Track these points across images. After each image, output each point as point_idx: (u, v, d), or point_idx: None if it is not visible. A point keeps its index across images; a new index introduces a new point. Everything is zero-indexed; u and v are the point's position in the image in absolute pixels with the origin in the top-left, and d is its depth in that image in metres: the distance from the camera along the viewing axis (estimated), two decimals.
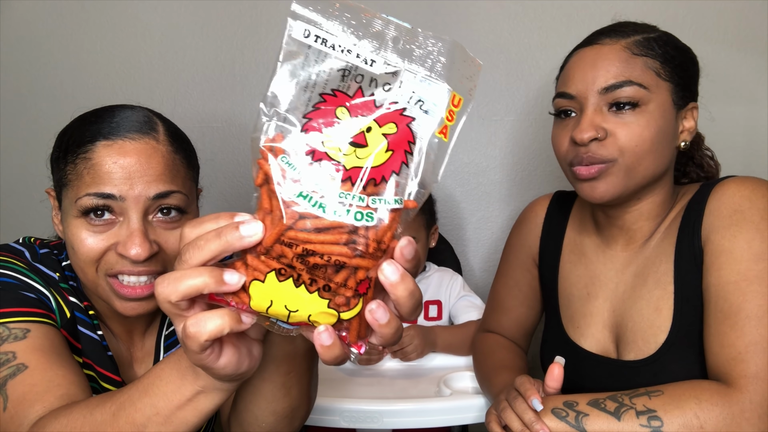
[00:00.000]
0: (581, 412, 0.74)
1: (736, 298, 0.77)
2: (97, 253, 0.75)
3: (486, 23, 1.62)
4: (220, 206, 1.71)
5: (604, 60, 0.86)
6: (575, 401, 0.76)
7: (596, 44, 0.88)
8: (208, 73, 1.70)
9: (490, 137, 1.67)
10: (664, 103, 0.85)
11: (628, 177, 0.85)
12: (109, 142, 0.75)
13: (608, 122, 0.85)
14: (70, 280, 0.83)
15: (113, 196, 0.74)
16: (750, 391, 0.72)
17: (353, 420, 0.97)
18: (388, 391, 1.11)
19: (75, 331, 0.81)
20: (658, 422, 0.71)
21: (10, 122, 1.76)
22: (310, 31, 0.44)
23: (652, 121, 0.84)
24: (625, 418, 0.73)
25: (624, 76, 0.84)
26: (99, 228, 0.75)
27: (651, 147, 0.84)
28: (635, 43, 0.86)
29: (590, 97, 0.86)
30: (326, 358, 0.47)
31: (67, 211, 0.78)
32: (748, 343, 0.74)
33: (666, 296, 0.85)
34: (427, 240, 1.42)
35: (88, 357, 0.81)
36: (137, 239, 0.74)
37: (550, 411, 0.76)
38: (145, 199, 0.75)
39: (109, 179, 0.74)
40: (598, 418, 0.74)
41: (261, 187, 0.46)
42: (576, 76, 0.88)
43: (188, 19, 1.68)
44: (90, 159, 0.75)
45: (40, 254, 0.82)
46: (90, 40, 1.72)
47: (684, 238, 0.86)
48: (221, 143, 1.71)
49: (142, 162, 0.75)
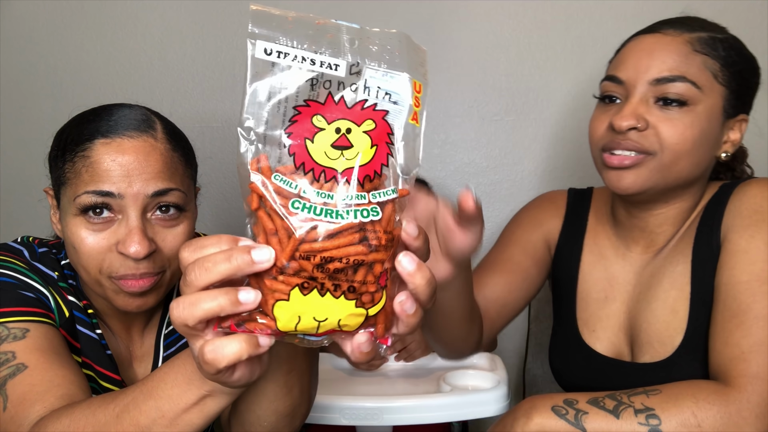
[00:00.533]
0: (581, 410, 0.74)
1: (746, 297, 0.76)
2: (99, 252, 0.75)
3: (486, 23, 1.62)
4: (220, 206, 1.71)
5: (662, 50, 0.81)
6: (575, 399, 0.76)
7: (658, 32, 0.83)
8: (208, 73, 1.70)
9: (490, 137, 1.67)
10: (714, 108, 0.81)
11: (661, 174, 0.82)
12: (107, 140, 0.75)
13: (652, 115, 0.81)
14: (69, 278, 0.83)
15: (112, 194, 0.74)
16: (749, 390, 0.71)
17: (353, 417, 0.97)
18: (388, 389, 1.11)
19: (74, 330, 0.81)
20: (656, 420, 0.71)
21: (10, 122, 1.76)
22: (271, 49, 0.45)
23: (696, 122, 0.80)
24: (624, 416, 0.72)
25: (679, 70, 0.79)
26: (98, 226, 0.75)
27: (691, 148, 0.80)
28: (699, 40, 0.81)
29: (639, 86, 0.82)
30: (362, 361, 0.48)
31: (65, 209, 0.77)
32: (753, 343, 0.73)
33: (682, 297, 0.84)
34: None
35: (87, 356, 0.81)
36: (136, 237, 0.74)
37: (550, 408, 0.75)
38: (144, 197, 0.75)
39: (107, 177, 0.74)
40: (597, 416, 0.73)
41: (257, 211, 0.46)
42: (629, 61, 0.84)
43: (188, 19, 1.69)
44: (88, 157, 0.75)
45: (38, 253, 0.82)
46: (90, 40, 1.72)
47: (702, 237, 0.84)
48: (221, 143, 1.71)
49: (140, 160, 0.75)
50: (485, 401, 1.00)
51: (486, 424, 1.48)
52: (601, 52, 0.91)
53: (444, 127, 1.68)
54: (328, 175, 0.45)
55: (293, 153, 0.45)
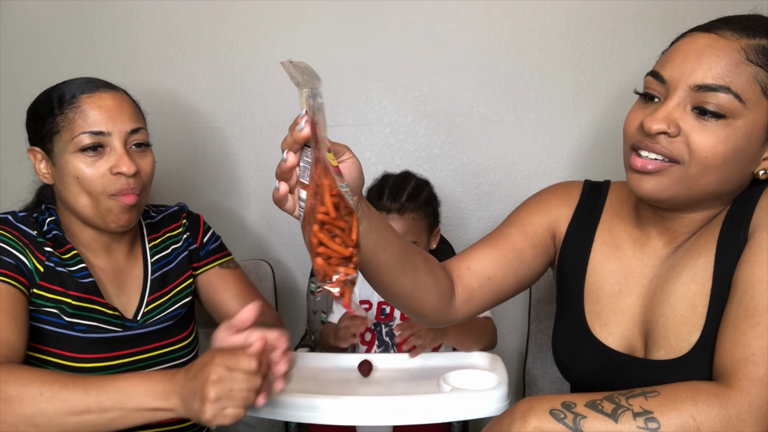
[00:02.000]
0: (579, 414, 0.72)
1: (764, 298, 0.73)
2: (98, 176, 0.99)
3: (486, 23, 1.62)
4: (220, 206, 1.71)
5: (712, 54, 0.75)
6: (573, 402, 0.74)
7: (714, 33, 0.77)
8: (208, 73, 1.70)
9: (490, 137, 1.67)
10: (756, 124, 0.75)
11: (684, 185, 0.78)
12: (90, 94, 1.01)
13: (686, 122, 0.76)
14: (51, 231, 1.04)
15: (103, 133, 0.99)
16: (751, 393, 0.70)
17: (353, 417, 0.97)
18: (388, 389, 1.11)
19: (51, 275, 0.99)
20: (655, 424, 0.69)
21: (10, 122, 1.76)
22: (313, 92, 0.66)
23: (732, 137, 0.75)
24: (622, 419, 0.71)
25: (725, 80, 0.74)
26: (93, 158, 0.99)
27: (721, 164, 0.76)
28: (756, 48, 0.75)
29: (680, 89, 0.77)
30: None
31: (62, 152, 1.00)
32: (765, 346, 0.71)
33: (703, 292, 0.80)
34: (428, 243, 1.42)
35: (68, 288, 1.00)
36: (125, 159, 1.00)
37: (548, 412, 0.74)
38: (125, 133, 1.01)
39: (96, 120, 0.99)
40: (595, 420, 0.72)
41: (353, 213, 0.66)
42: (677, 60, 0.78)
43: (188, 19, 1.69)
44: (79, 107, 1.00)
45: (20, 216, 1.03)
46: (90, 40, 1.72)
47: (728, 232, 0.80)
48: (221, 143, 1.72)
49: (116, 106, 1.02)
50: (485, 401, 1.00)
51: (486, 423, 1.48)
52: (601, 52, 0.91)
53: (444, 127, 1.68)
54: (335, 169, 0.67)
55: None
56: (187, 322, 1.15)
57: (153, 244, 1.15)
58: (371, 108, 1.69)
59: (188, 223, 1.19)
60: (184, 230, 1.18)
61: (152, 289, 1.10)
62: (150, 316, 1.08)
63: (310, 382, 1.14)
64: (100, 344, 1.01)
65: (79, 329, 0.99)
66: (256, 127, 1.70)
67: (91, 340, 1.00)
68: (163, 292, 1.11)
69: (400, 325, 1.24)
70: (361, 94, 1.68)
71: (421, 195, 1.39)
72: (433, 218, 1.42)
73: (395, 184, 1.40)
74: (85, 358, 0.99)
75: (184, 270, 1.15)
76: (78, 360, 0.99)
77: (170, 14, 1.69)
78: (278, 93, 1.69)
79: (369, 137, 1.70)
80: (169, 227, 1.18)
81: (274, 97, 1.69)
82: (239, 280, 1.21)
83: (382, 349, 1.37)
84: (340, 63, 1.66)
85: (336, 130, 1.69)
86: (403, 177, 1.43)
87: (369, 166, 1.70)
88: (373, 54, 1.66)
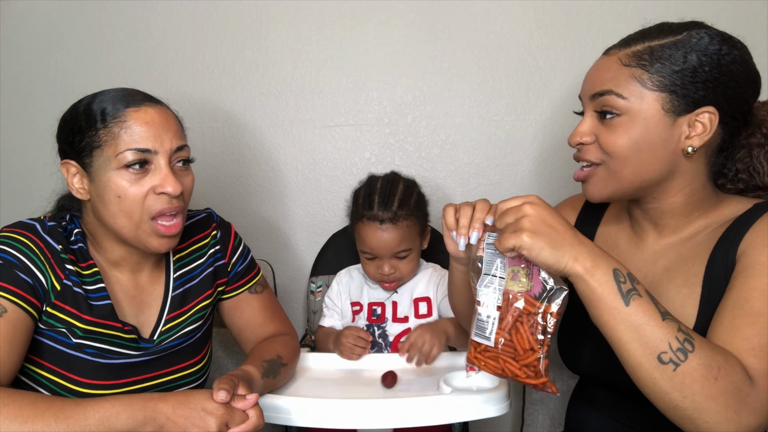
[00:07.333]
0: (636, 291, 0.75)
1: (760, 303, 0.77)
2: (141, 196, 0.93)
3: (486, 23, 1.62)
4: (220, 205, 1.71)
5: (599, 69, 0.91)
6: (638, 280, 0.77)
7: (605, 54, 0.92)
8: (208, 73, 1.70)
9: (490, 137, 1.67)
10: (647, 112, 0.86)
11: (614, 180, 0.89)
12: (136, 108, 0.95)
13: (597, 128, 0.90)
14: (76, 243, 0.99)
15: (149, 150, 0.93)
16: (761, 385, 0.73)
17: (354, 418, 0.97)
18: (388, 390, 1.11)
19: (66, 295, 0.95)
20: (690, 346, 0.73)
21: (10, 122, 1.76)
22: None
23: (630, 129, 0.86)
24: (668, 324, 0.74)
25: (607, 85, 0.88)
26: (138, 176, 0.93)
27: (630, 153, 0.86)
28: (629, 55, 0.88)
29: (587, 103, 0.92)
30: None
31: (103, 167, 0.94)
32: (765, 343, 0.75)
33: (693, 296, 0.87)
34: (421, 245, 1.41)
35: (81, 310, 0.95)
36: (171, 179, 0.94)
37: (611, 268, 0.76)
38: (170, 151, 0.95)
39: (142, 137, 0.93)
40: (647, 306, 0.74)
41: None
42: (584, 82, 0.94)
43: (188, 19, 1.69)
44: (125, 121, 0.93)
45: (48, 227, 0.98)
46: (90, 40, 1.72)
47: (721, 247, 0.86)
48: (221, 143, 1.72)
49: (163, 122, 0.96)
50: (486, 402, 1.00)
51: (486, 424, 1.48)
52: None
53: (444, 127, 1.68)
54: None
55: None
56: (203, 341, 1.10)
57: (178, 256, 1.09)
58: (371, 108, 1.69)
59: (219, 235, 1.14)
60: (213, 242, 1.13)
61: (171, 307, 1.05)
62: (167, 336, 1.03)
63: (310, 382, 1.14)
64: (108, 370, 0.96)
65: (90, 352, 0.95)
66: (256, 127, 1.70)
67: (100, 365, 0.96)
68: (183, 310, 1.06)
69: (401, 344, 1.23)
70: (361, 94, 1.68)
71: (411, 199, 1.36)
72: (424, 221, 1.41)
73: (384, 189, 1.36)
74: (89, 384, 0.95)
75: (207, 287, 1.10)
76: (81, 384, 0.95)
77: (170, 14, 1.69)
78: (278, 93, 1.69)
79: (369, 137, 1.70)
80: (196, 237, 1.12)
81: (274, 97, 1.69)
82: (266, 305, 1.18)
83: (375, 350, 1.36)
84: (340, 63, 1.66)
85: (336, 130, 1.69)
86: (391, 181, 1.39)
87: (369, 166, 1.70)
88: (373, 54, 1.66)
